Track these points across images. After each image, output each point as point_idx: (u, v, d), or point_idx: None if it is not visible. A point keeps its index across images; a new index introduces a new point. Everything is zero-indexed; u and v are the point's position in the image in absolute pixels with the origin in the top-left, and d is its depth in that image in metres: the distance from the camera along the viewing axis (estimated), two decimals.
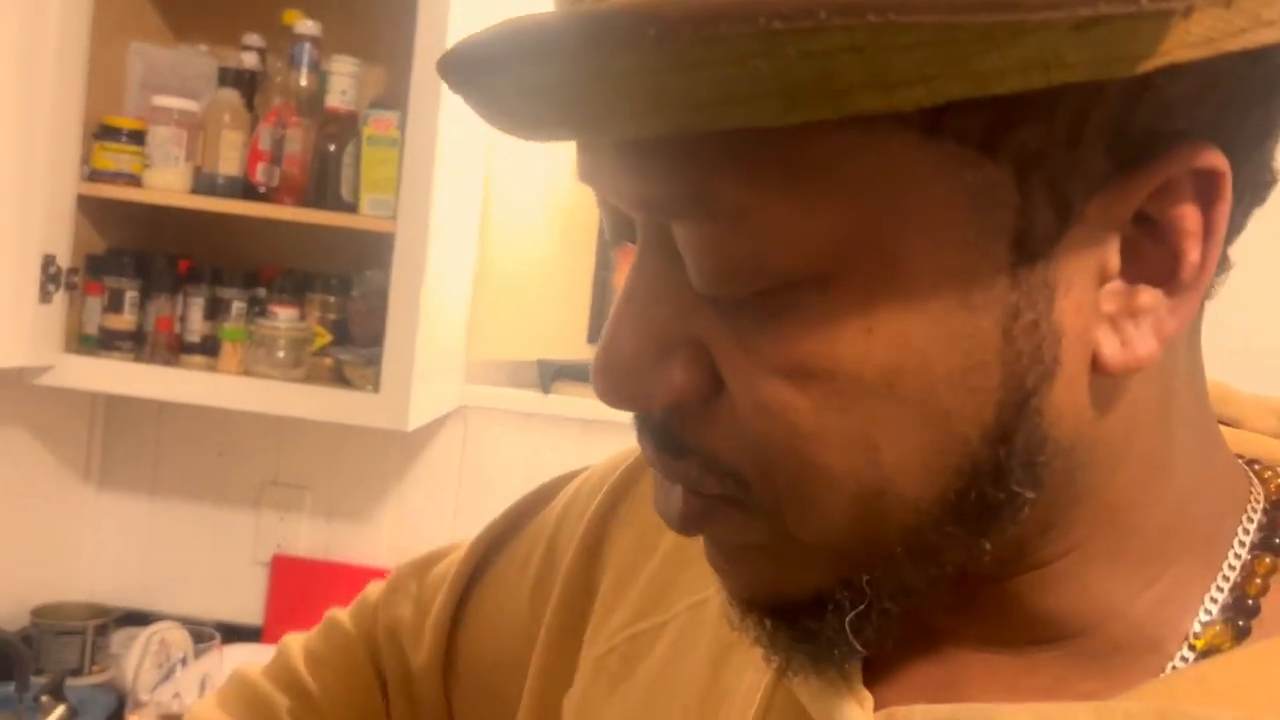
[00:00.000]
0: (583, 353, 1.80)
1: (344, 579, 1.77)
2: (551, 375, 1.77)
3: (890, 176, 0.30)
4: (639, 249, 0.35)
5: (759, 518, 0.34)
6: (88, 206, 1.53)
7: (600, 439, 1.76)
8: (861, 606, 0.34)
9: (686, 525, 0.36)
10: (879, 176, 0.30)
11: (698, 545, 0.48)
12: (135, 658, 1.63)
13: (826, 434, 0.32)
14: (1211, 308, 0.37)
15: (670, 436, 0.35)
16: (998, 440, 0.32)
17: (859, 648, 0.35)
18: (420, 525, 1.80)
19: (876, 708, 0.37)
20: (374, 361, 1.52)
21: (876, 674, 0.38)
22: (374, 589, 0.65)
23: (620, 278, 0.35)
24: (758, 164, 0.30)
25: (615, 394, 0.34)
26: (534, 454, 1.78)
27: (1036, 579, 0.36)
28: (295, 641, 0.65)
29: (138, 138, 1.52)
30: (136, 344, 1.58)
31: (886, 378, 0.31)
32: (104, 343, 1.56)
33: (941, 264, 0.31)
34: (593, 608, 0.51)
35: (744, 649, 0.43)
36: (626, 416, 0.36)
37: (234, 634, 1.75)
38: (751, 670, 0.42)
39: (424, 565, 0.63)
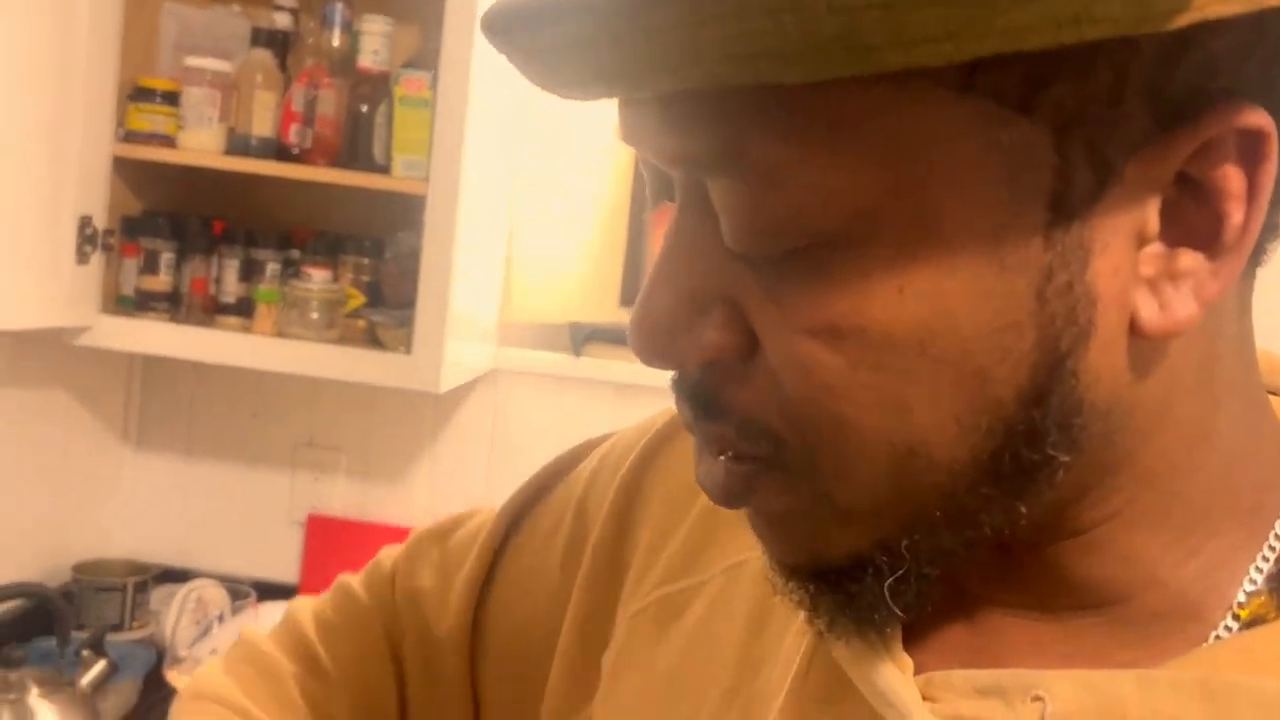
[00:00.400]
0: (615, 316, 1.79)
1: (378, 538, 1.79)
2: (583, 338, 1.77)
3: (922, 135, 0.30)
4: (677, 208, 0.34)
5: (797, 481, 0.34)
6: (123, 168, 1.54)
7: (633, 403, 1.76)
8: (900, 571, 0.34)
9: (729, 498, 0.36)
10: (911, 134, 0.30)
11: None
12: (173, 614, 1.66)
13: (859, 393, 0.32)
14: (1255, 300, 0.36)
15: (707, 397, 0.35)
16: (1032, 402, 0.32)
17: (898, 612, 0.35)
18: (453, 487, 1.81)
19: (915, 672, 0.37)
20: (406, 323, 1.52)
21: (915, 639, 0.38)
22: (388, 555, 0.64)
23: (657, 239, 0.35)
24: (790, 120, 0.30)
25: (651, 352, 0.34)
26: (566, 417, 1.79)
27: (1076, 545, 0.36)
28: (306, 608, 0.63)
29: (172, 99, 1.53)
30: (172, 305, 1.60)
31: (918, 337, 0.31)
32: (140, 304, 1.57)
33: (974, 223, 0.30)
34: (627, 567, 0.51)
35: (782, 612, 0.43)
36: (660, 380, 0.36)
37: (270, 592, 1.77)
38: (791, 633, 0.42)
39: (443, 532, 0.62)
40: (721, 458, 0.35)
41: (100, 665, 1.38)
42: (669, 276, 0.34)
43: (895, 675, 0.36)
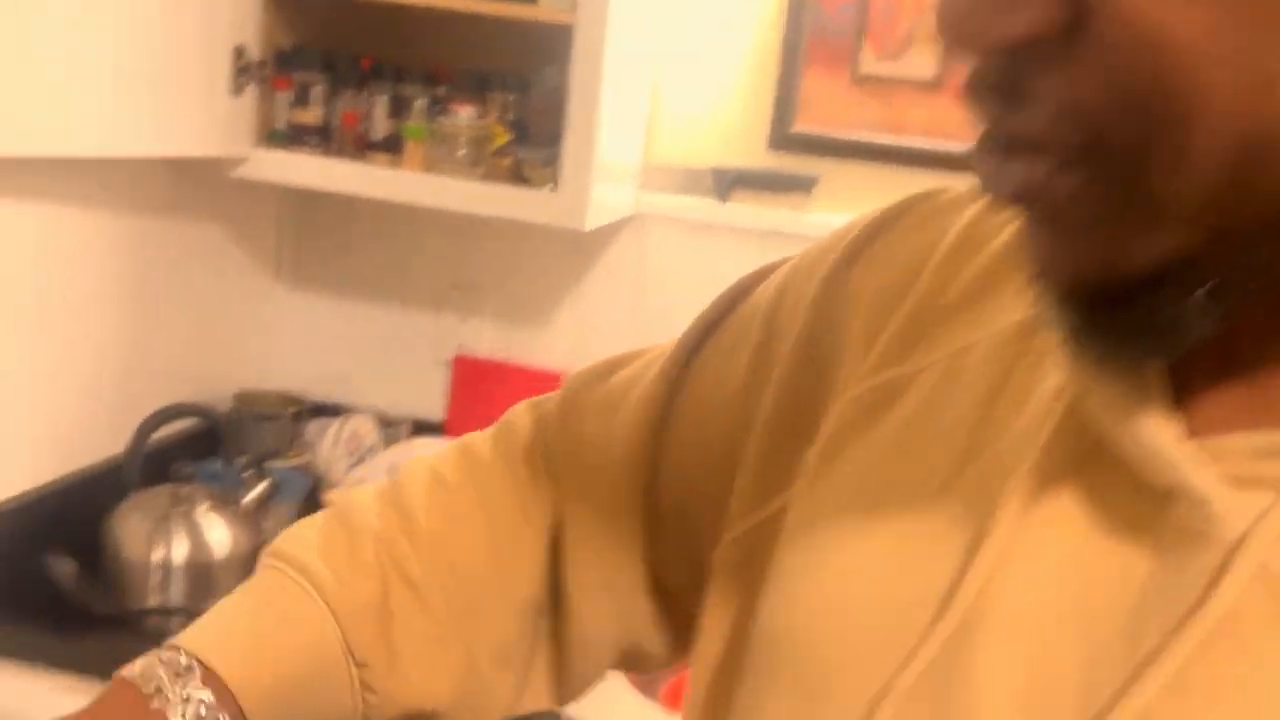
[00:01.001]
0: (762, 161, 1.73)
1: (522, 380, 1.81)
2: (729, 183, 1.71)
3: None
4: None
5: (1111, 178, 0.30)
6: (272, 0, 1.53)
7: (779, 251, 1.70)
8: (1208, 286, 0.30)
9: (1021, 194, 0.32)
10: None
11: (954, 295, 0.45)
12: (328, 445, 1.73)
13: (1215, 67, 0.27)
14: None
15: (1016, 85, 0.31)
16: None
17: (1201, 331, 0.31)
18: (596, 331, 1.81)
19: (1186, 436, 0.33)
20: (552, 161, 1.49)
21: (1182, 400, 0.34)
22: (518, 416, 0.62)
23: (812, 77, 0.31)
24: None
25: (960, 33, 0.30)
26: (710, 264, 1.75)
27: None
28: (423, 466, 0.62)
29: None
30: (323, 139, 1.60)
31: None
32: (292, 138, 1.58)
33: None
34: (835, 361, 0.49)
35: (1016, 392, 0.40)
36: (808, 230, 0.32)
37: (418, 429, 1.82)
38: (1028, 411, 0.39)
39: (600, 374, 0.61)
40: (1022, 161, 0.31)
41: (263, 485, 1.44)
42: None
43: (1165, 429, 0.33)
